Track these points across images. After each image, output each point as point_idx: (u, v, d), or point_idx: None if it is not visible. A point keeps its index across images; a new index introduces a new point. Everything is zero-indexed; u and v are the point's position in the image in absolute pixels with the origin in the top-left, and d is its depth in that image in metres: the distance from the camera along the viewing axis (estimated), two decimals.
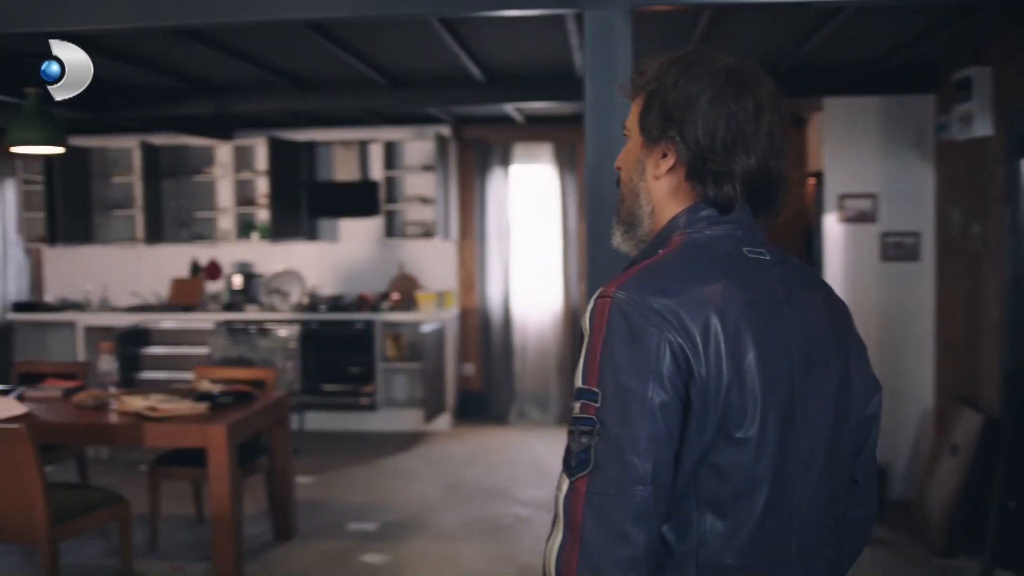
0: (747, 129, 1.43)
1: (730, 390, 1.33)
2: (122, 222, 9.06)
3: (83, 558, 5.31)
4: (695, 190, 1.47)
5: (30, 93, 5.32)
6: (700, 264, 1.41)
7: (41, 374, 6.07)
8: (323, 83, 6.48)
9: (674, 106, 1.44)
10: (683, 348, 1.32)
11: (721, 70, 1.45)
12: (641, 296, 1.34)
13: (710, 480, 1.35)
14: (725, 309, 1.35)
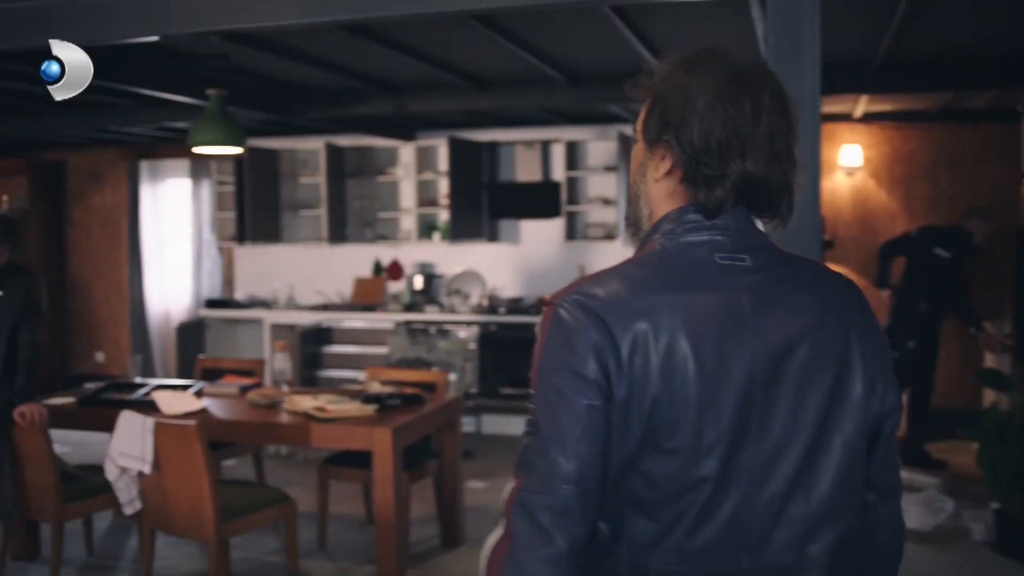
0: (744, 132, 1.40)
1: (657, 402, 1.33)
2: (308, 222, 9.25)
3: (254, 553, 5.36)
4: (688, 193, 1.45)
5: (211, 95, 5.42)
6: (648, 272, 1.42)
7: (221, 370, 6.20)
8: (500, 81, 6.37)
9: (672, 108, 1.43)
10: (607, 358, 1.33)
11: (722, 71, 1.42)
12: (578, 303, 1.37)
13: (639, 485, 1.36)
14: (660, 320, 1.34)
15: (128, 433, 4.56)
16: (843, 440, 1.42)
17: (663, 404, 1.33)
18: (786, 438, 1.38)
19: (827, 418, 1.41)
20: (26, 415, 4.61)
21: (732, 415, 1.35)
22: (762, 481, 1.37)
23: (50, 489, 4.71)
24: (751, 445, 1.37)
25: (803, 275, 1.48)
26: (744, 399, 1.36)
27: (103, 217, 10.23)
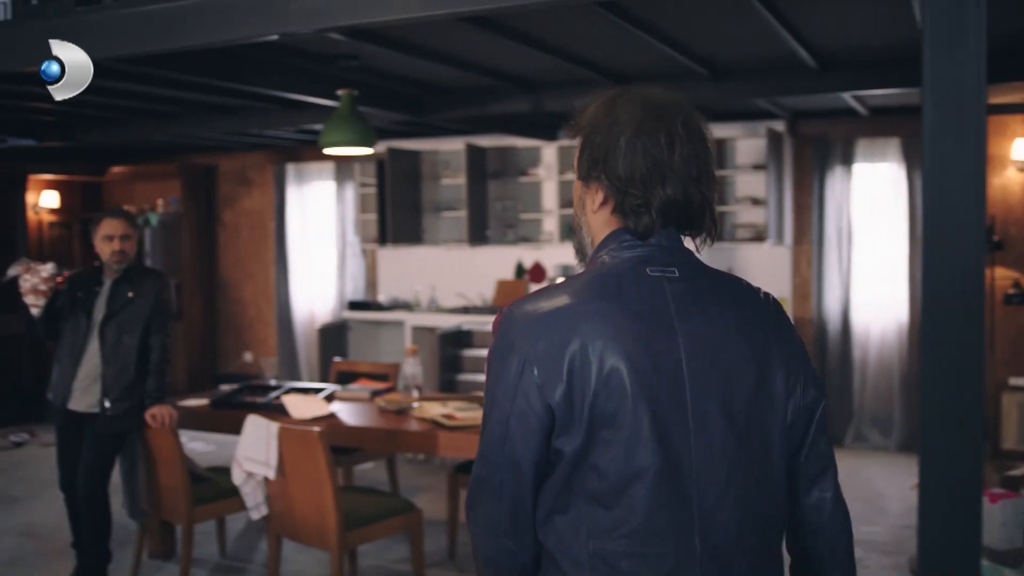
0: (663, 161, 1.56)
1: (596, 397, 1.48)
2: (450, 223, 9.17)
3: (382, 561, 5.27)
4: (620, 220, 1.62)
5: (342, 95, 5.35)
6: (585, 284, 1.58)
7: (356, 373, 6.14)
8: (639, 77, 6.10)
9: (599, 148, 1.60)
10: (541, 364, 1.50)
11: (638, 108, 1.58)
12: (518, 314, 1.56)
13: (590, 478, 1.50)
14: (596, 325, 1.50)
15: (253, 437, 4.51)
16: (768, 431, 1.58)
17: (601, 400, 1.49)
18: (718, 430, 1.53)
19: (753, 412, 1.56)
20: (157, 417, 4.62)
21: (665, 410, 1.50)
22: (702, 467, 1.51)
23: (180, 491, 4.71)
24: (687, 436, 1.51)
25: (724, 286, 1.65)
26: (675, 394, 1.51)
27: (251, 219, 10.42)
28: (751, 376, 1.57)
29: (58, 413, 4.81)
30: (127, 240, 4.73)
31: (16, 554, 5.56)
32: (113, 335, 4.66)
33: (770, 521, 1.60)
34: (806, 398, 1.63)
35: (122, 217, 4.78)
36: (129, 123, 7.80)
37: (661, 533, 1.50)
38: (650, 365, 1.51)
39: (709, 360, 1.55)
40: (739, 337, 1.59)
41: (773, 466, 1.60)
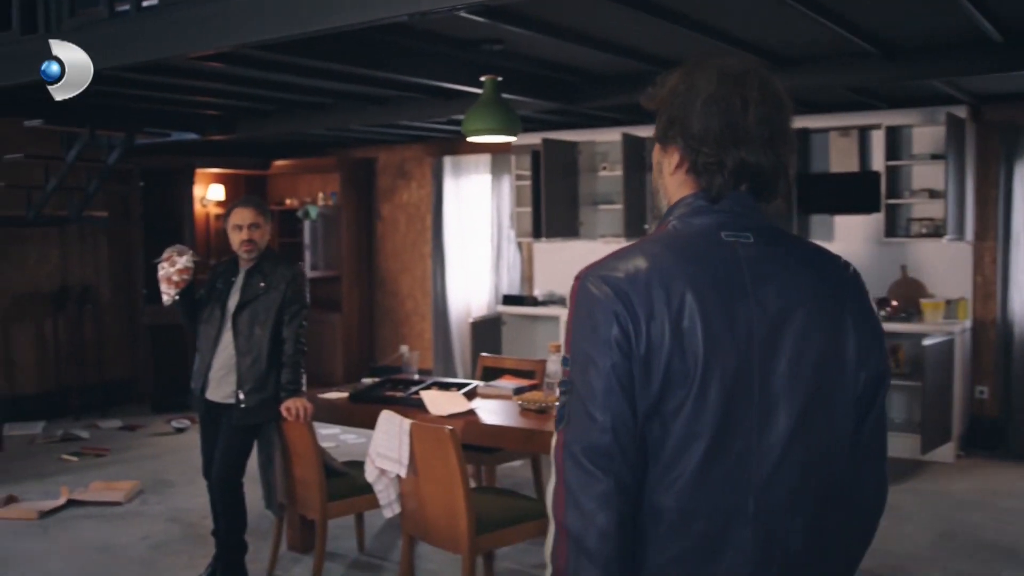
0: (737, 123, 1.58)
1: (671, 358, 1.52)
2: (606, 216, 8.91)
3: (521, 566, 5.07)
4: (694, 182, 1.64)
5: (485, 81, 5.18)
6: (662, 247, 1.60)
7: (502, 369, 5.97)
8: (803, 58, 5.70)
9: (676, 110, 1.64)
10: (627, 319, 1.52)
11: (713, 74, 1.61)
12: (600, 275, 1.58)
13: (656, 430, 1.54)
14: (672, 287, 1.53)
15: (386, 434, 4.38)
16: (836, 399, 1.59)
17: (676, 358, 1.51)
18: (784, 393, 1.55)
19: (822, 378, 1.58)
20: (291, 410, 4.55)
21: (733, 372, 1.53)
22: (762, 431, 1.54)
23: (314, 485, 4.64)
24: (752, 399, 1.54)
25: (800, 251, 1.66)
26: (744, 358, 1.54)
27: (409, 212, 10.42)
28: (822, 343, 1.59)
29: (199, 402, 4.81)
30: (256, 229, 4.68)
31: (163, 539, 5.64)
32: (246, 326, 4.62)
33: (830, 488, 1.62)
34: (877, 371, 1.64)
35: (251, 206, 4.73)
36: (286, 116, 7.88)
37: (714, 491, 1.54)
38: (724, 328, 1.54)
39: (780, 326, 1.57)
40: (812, 302, 1.60)
41: (839, 433, 1.62)
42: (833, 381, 1.59)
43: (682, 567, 1.55)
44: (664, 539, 1.55)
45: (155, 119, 7.89)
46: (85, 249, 9.56)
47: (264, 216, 4.73)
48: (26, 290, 9.11)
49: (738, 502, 1.54)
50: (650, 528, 1.56)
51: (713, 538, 1.55)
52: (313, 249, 10.27)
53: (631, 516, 1.54)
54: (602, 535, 1.52)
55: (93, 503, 6.30)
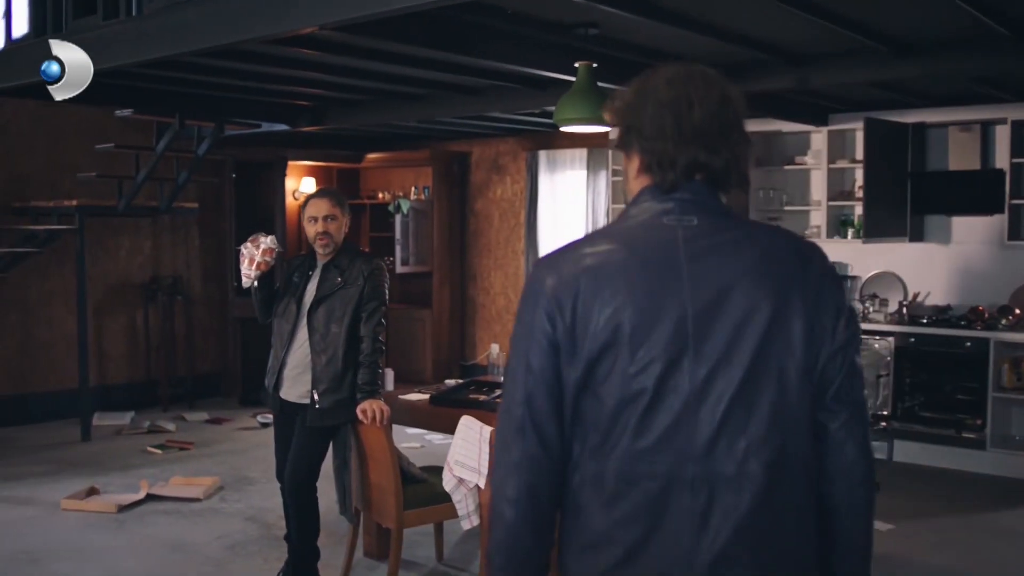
0: (685, 122, 1.69)
1: (597, 332, 1.63)
2: None
3: None
4: (650, 179, 1.75)
5: (580, 67, 4.88)
6: (601, 235, 1.78)
7: None
8: (926, 44, 5.26)
9: (632, 118, 1.75)
10: (552, 304, 1.67)
11: (662, 79, 1.73)
12: (540, 265, 1.75)
13: (590, 404, 1.67)
14: (603, 268, 1.67)
15: (465, 440, 4.12)
16: (781, 371, 1.65)
17: (602, 335, 1.63)
18: (722, 366, 1.63)
19: (764, 350, 1.63)
20: (367, 412, 4.30)
21: (665, 342, 1.62)
22: (700, 399, 1.62)
23: (390, 492, 4.39)
24: (685, 368, 1.62)
25: (750, 233, 1.73)
26: (677, 331, 1.63)
27: (503, 208, 10.16)
28: (764, 317, 1.64)
29: (273, 400, 4.61)
30: (332, 221, 4.45)
31: (239, 539, 5.47)
32: (321, 323, 4.40)
33: (782, 458, 1.64)
34: (834, 342, 1.68)
35: (327, 197, 4.50)
36: (377, 106, 7.68)
37: (649, 456, 1.62)
38: (651, 305, 1.63)
39: (718, 301, 1.64)
40: (754, 279, 1.65)
41: (792, 407, 1.66)
42: (779, 355, 1.64)
43: (625, 530, 1.64)
44: (605, 505, 1.65)
45: (245, 109, 7.78)
46: (177, 240, 9.53)
47: (341, 208, 4.50)
48: (118, 280, 9.11)
49: (677, 469, 1.61)
50: (593, 494, 1.66)
51: (653, 502, 1.62)
52: (404, 244, 10.08)
53: (544, 486, 1.68)
54: (508, 501, 1.68)
55: (172, 498, 6.19)
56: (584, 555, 1.69)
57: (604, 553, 1.66)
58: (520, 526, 1.68)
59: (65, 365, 8.53)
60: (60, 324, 8.60)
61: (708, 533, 1.61)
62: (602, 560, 1.66)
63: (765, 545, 1.63)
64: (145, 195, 8.40)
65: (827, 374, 1.69)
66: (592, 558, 1.67)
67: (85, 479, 6.63)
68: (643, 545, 1.63)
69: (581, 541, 1.69)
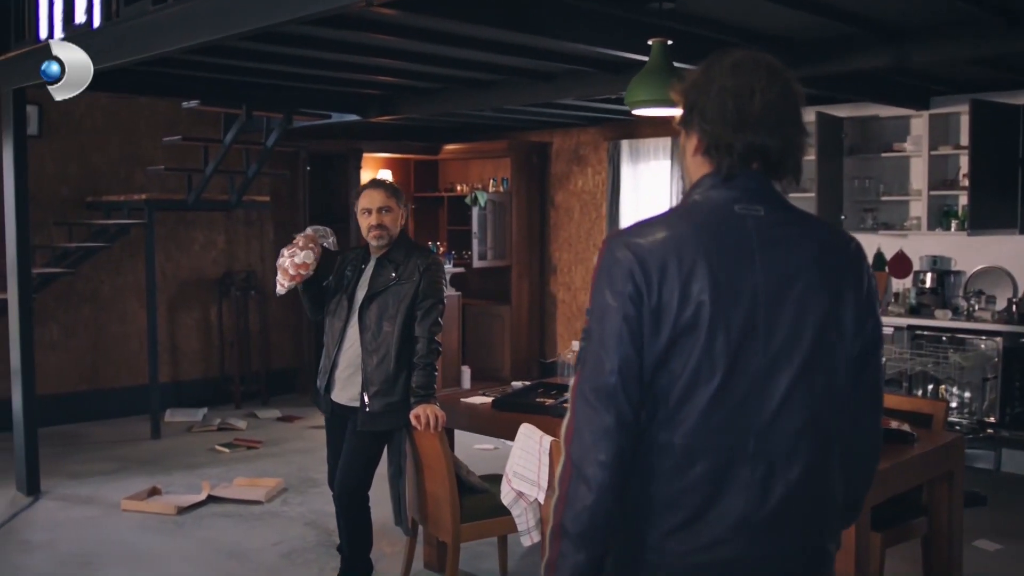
0: (745, 109, 1.77)
1: (680, 312, 1.72)
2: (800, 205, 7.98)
3: None
4: (709, 162, 1.84)
5: (653, 45, 4.50)
6: (679, 218, 1.83)
7: None
8: None
9: (696, 98, 1.83)
10: (641, 279, 1.73)
11: (727, 65, 1.81)
12: (622, 241, 1.79)
13: (664, 377, 1.75)
14: (684, 252, 1.74)
15: (524, 450, 3.80)
16: (835, 358, 1.80)
17: (684, 315, 1.72)
18: (786, 350, 1.75)
19: (821, 339, 1.78)
20: (421, 418, 4.00)
21: (739, 327, 1.73)
22: (765, 382, 1.75)
23: (446, 503, 4.09)
24: (756, 352, 1.74)
25: (808, 226, 1.86)
26: (749, 315, 1.74)
27: (584, 200, 9.80)
28: (822, 307, 1.78)
29: (324, 403, 4.35)
30: (387, 213, 4.16)
31: (296, 545, 5.24)
32: (373, 321, 4.11)
33: (830, 435, 1.81)
34: (872, 336, 1.85)
35: (381, 188, 4.22)
36: (449, 94, 7.39)
37: (717, 431, 1.73)
38: (729, 289, 1.73)
39: (783, 290, 1.76)
40: (816, 271, 1.79)
41: (837, 388, 1.81)
42: (833, 342, 1.79)
43: (689, 497, 1.74)
44: (672, 473, 1.75)
45: (313, 99, 7.56)
46: (251, 234, 9.39)
47: (396, 199, 4.21)
48: (192, 275, 9.00)
49: (739, 442, 1.74)
50: (659, 463, 1.76)
51: (716, 473, 1.74)
52: (482, 237, 9.78)
53: (629, 451, 1.74)
54: (600, 464, 1.72)
55: (233, 500, 5.99)
56: (645, 517, 1.78)
57: (666, 517, 1.76)
58: (609, 489, 1.74)
59: (138, 361, 8.45)
60: (133, 319, 8.52)
61: (764, 503, 1.75)
62: (665, 523, 1.77)
63: (812, 514, 1.81)
64: (217, 189, 8.26)
65: (860, 362, 1.85)
66: (655, 520, 1.77)
67: (149, 478, 6.49)
68: (704, 511, 1.75)
69: (641, 504, 1.79)
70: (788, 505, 1.76)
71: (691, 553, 1.76)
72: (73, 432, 7.91)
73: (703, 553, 1.75)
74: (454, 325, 9.25)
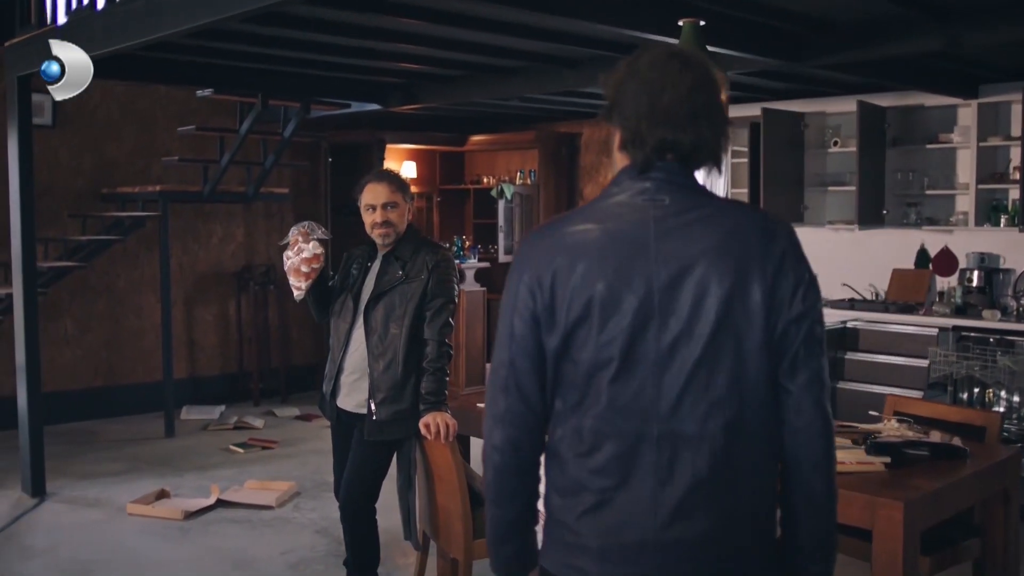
0: (657, 104, 1.82)
1: (572, 304, 1.81)
2: (837, 200, 7.69)
3: None
4: (628, 157, 1.90)
5: (684, 25, 4.19)
6: (579, 212, 1.94)
7: None
8: None
9: (617, 94, 1.87)
10: (532, 281, 1.86)
11: (643, 63, 1.86)
12: (530, 236, 1.95)
13: (569, 368, 1.85)
14: (578, 245, 1.84)
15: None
16: (739, 340, 1.80)
17: (576, 306, 1.82)
18: (685, 336, 1.79)
19: (723, 322, 1.79)
20: (431, 427, 3.72)
21: (633, 314, 1.79)
22: (664, 366, 1.79)
23: (457, 517, 3.80)
24: (651, 338, 1.79)
25: (717, 211, 1.86)
26: (643, 303, 1.79)
27: None
28: (724, 290, 1.78)
29: (330, 409, 4.08)
30: (393, 209, 3.89)
31: (305, 555, 4.98)
32: (379, 323, 3.84)
33: (740, 420, 1.80)
34: (791, 311, 1.82)
35: (386, 181, 3.93)
36: (472, 82, 7.10)
37: (621, 416, 1.80)
38: (621, 278, 1.80)
39: (681, 276, 1.79)
40: (715, 255, 1.80)
41: (751, 373, 1.81)
42: (739, 325, 1.80)
43: (598, 480, 1.82)
44: (583, 456, 1.84)
45: (331, 87, 7.28)
46: (271, 227, 9.15)
47: (402, 193, 3.93)
48: (210, 269, 8.78)
49: (643, 428, 1.80)
50: (571, 446, 1.85)
51: (623, 457, 1.81)
52: (508, 231, 9.49)
53: (526, 436, 1.89)
54: (494, 448, 1.91)
55: (243, 505, 5.74)
56: (563, 499, 1.87)
57: (579, 499, 1.85)
58: (503, 470, 1.91)
59: (154, 356, 8.23)
60: (150, 314, 8.30)
61: (669, 487, 1.79)
62: (578, 505, 1.85)
63: (721, 499, 1.80)
64: (236, 180, 8.03)
65: (786, 341, 1.83)
66: (570, 502, 1.86)
67: (159, 480, 6.27)
68: (613, 494, 1.81)
69: (560, 486, 1.88)
70: (696, 492, 1.79)
71: (602, 535, 1.82)
72: (86, 429, 7.72)
73: (612, 535, 1.82)
74: (479, 321, 8.97)
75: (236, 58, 6.37)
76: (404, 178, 4.03)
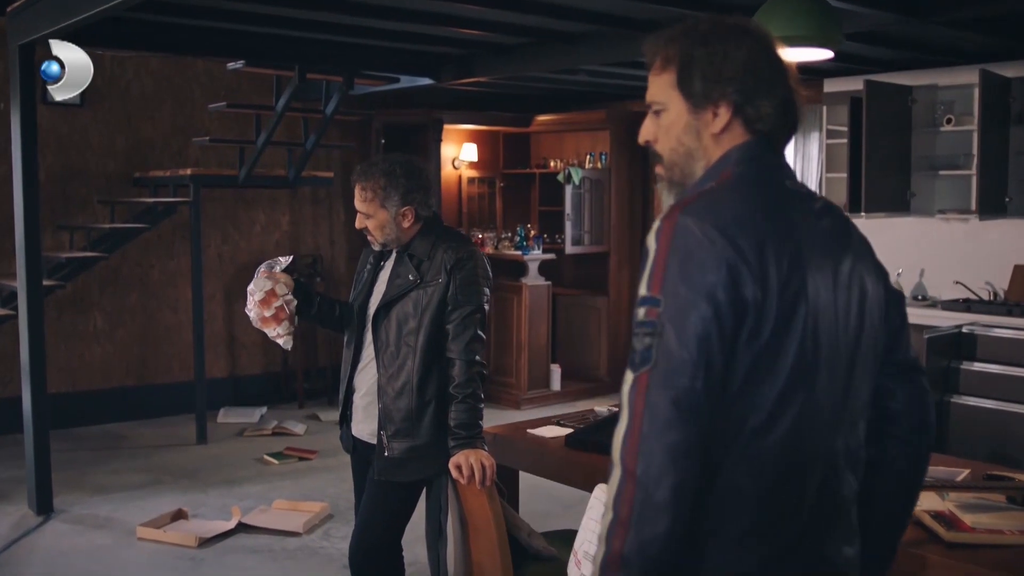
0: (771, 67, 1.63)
1: (782, 301, 1.50)
2: (951, 185, 6.75)
3: None
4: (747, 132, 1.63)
5: None
6: (752, 195, 1.58)
7: None
8: None
9: (718, 68, 1.61)
10: (736, 266, 1.47)
11: (742, 29, 1.63)
12: (702, 218, 1.51)
13: (763, 380, 1.50)
14: (780, 242, 1.53)
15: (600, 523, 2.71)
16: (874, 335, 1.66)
17: (785, 306, 1.51)
18: (844, 335, 1.59)
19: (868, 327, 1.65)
20: (463, 468, 2.94)
21: (818, 315, 1.55)
22: (832, 373, 1.57)
23: (496, 570, 3.03)
24: (825, 341, 1.56)
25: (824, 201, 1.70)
26: (827, 302, 1.57)
27: None
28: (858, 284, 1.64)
29: (345, 437, 3.34)
30: (368, 219, 3.18)
31: None
32: (391, 336, 3.08)
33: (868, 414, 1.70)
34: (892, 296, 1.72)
35: (360, 182, 3.15)
36: (530, 52, 6.31)
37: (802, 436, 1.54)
38: (814, 275, 1.56)
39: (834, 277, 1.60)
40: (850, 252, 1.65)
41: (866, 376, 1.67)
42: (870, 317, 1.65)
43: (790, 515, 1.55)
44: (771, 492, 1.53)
45: (376, 59, 6.55)
46: (319, 215, 8.48)
47: (380, 199, 3.11)
48: (252, 259, 8.09)
49: (819, 450, 1.57)
50: (753, 480, 1.52)
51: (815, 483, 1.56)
52: (576, 220, 8.68)
53: (704, 470, 1.49)
54: (674, 488, 1.45)
55: (266, 531, 5.05)
56: (743, 541, 1.54)
57: (759, 548, 1.54)
58: (683, 520, 1.45)
59: (190, 353, 7.57)
60: (186, 308, 7.65)
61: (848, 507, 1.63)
62: (756, 555, 1.54)
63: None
64: (279, 163, 7.36)
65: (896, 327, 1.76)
66: (745, 555, 1.54)
67: (179, 496, 5.63)
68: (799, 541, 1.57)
69: (731, 535, 1.54)
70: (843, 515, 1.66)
71: None
72: (115, 433, 7.14)
73: None
74: (544, 318, 8.20)
75: (270, 23, 5.68)
76: (398, 176, 3.10)
